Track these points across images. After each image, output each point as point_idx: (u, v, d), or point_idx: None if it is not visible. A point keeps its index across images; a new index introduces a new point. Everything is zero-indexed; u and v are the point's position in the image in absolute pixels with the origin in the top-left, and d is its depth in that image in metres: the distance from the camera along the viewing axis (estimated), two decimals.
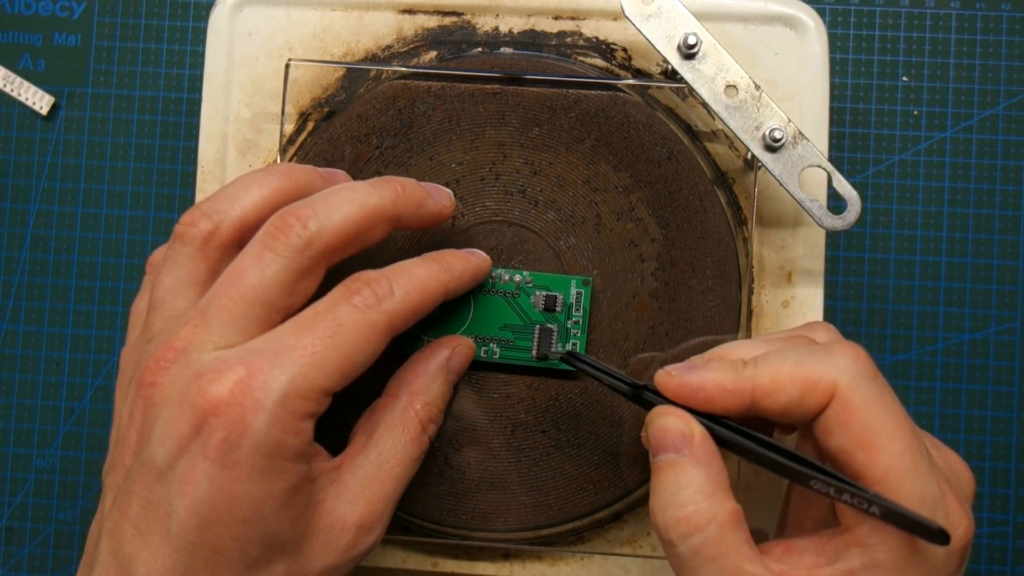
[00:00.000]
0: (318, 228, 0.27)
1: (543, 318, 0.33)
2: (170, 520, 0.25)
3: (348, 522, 0.28)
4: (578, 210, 0.34)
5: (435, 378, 0.31)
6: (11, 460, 0.42)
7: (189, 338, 0.27)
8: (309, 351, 0.26)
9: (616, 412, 0.34)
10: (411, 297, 0.28)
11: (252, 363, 0.25)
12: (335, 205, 0.28)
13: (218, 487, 0.25)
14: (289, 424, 0.25)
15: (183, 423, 0.25)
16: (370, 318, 0.27)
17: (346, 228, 0.28)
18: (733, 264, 0.34)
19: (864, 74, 0.42)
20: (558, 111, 0.35)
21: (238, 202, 0.29)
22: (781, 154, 0.33)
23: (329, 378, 0.26)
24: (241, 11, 0.37)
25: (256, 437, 0.25)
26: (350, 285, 0.28)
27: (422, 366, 0.32)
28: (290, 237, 0.27)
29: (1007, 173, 0.41)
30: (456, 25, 0.37)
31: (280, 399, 0.25)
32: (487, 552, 0.35)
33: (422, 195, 0.31)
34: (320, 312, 0.27)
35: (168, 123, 0.43)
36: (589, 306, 0.34)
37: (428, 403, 0.31)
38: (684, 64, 0.33)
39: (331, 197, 0.28)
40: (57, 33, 0.44)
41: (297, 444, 0.26)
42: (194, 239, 0.29)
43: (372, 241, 0.29)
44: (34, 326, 0.43)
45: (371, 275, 0.28)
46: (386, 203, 0.29)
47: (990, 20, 0.42)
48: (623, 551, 0.35)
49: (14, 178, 0.43)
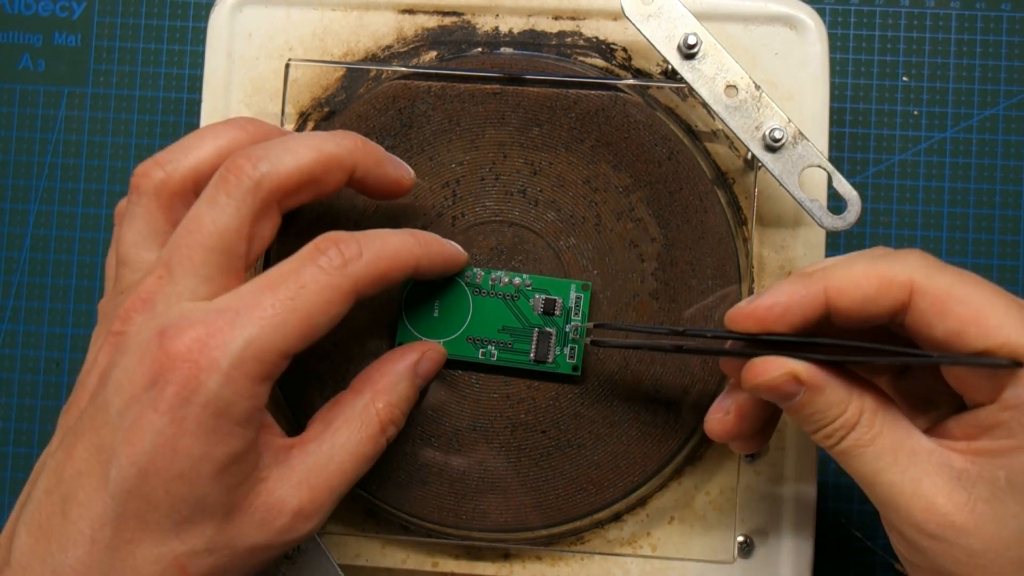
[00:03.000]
0: (269, 168, 0.28)
1: (542, 322, 0.33)
2: (110, 466, 0.25)
3: (287, 506, 0.28)
4: (578, 210, 0.34)
5: (402, 379, 0.31)
6: (11, 460, 0.42)
7: (154, 289, 0.27)
8: (269, 312, 0.26)
9: (616, 412, 0.34)
10: (379, 263, 0.28)
11: (212, 322, 0.26)
12: (289, 148, 0.28)
13: (162, 440, 0.25)
14: (242, 386, 0.26)
15: (140, 374, 0.25)
16: (334, 280, 0.27)
17: (298, 170, 0.28)
18: (733, 264, 0.34)
19: (864, 74, 0.42)
20: (558, 111, 0.35)
21: (192, 152, 0.30)
22: (781, 154, 0.33)
23: (288, 340, 0.26)
24: (241, 11, 0.37)
25: (207, 395, 0.25)
26: (319, 244, 0.28)
27: (390, 366, 0.31)
28: (241, 179, 0.27)
29: (1007, 173, 0.41)
30: (456, 25, 0.37)
31: (236, 360, 0.25)
32: (487, 552, 0.35)
33: (382, 155, 0.31)
34: (284, 273, 0.27)
35: (168, 123, 0.43)
36: (588, 311, 0.33)
37: (391, 404, 0.31)
38: (684, 64, 0.33)
39: (286, 142, 0.29)
40: (57, 33, 0.44)
41: (247, 408, 0.26)
42: (147, 190, 0.29)
43: (328, 189, 0.29)
44: (34, 326, 0.43)
45: (341, 236, 0.28)
46: (342, 151, 0.29)
47: (990, 20, 0.42)
48: (623, 551, 0.35)
49: (14, 178, 0.43)
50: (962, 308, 0.26)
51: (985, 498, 0.26)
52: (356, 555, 0.35)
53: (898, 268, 0.27)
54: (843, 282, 0.27)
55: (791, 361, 0.27)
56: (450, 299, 0.34)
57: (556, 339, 0.33)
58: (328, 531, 0.35)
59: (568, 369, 0.33)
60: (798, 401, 0.27)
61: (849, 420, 0.27)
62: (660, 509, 0.35)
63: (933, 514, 0.26)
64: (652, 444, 0.34)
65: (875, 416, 0.27)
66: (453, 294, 0.34)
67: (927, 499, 0.26)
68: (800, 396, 0.27)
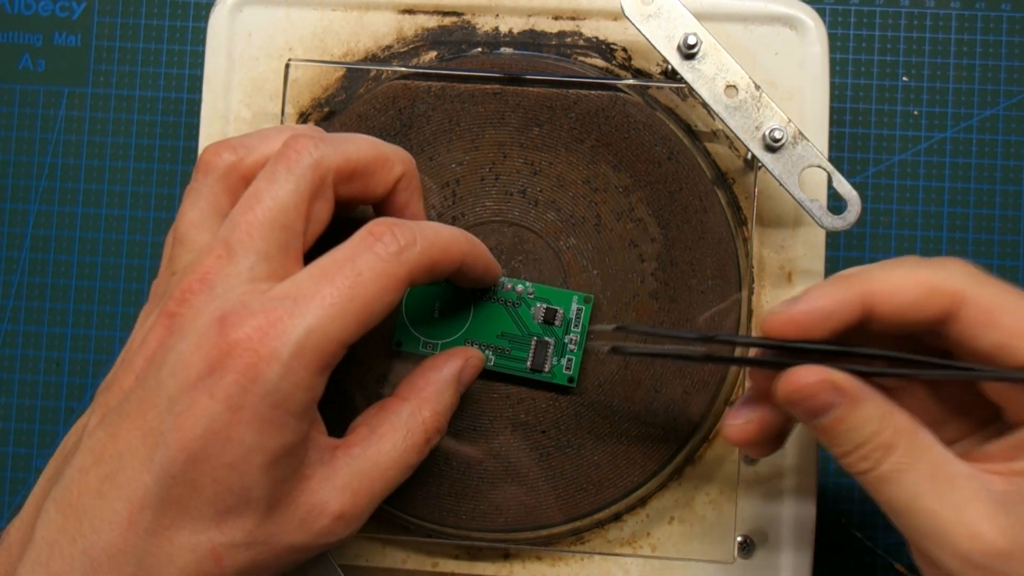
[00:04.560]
0: (329, 150, 0.28)
1: (541, 330, 0.33)
2: (156, 449, 0.25)
3: (329, 508, 0.27)
4: (578, 210, 0.34)
5: (447, 387, 0.31)
6: (11, 460, 0.42)
7: (214, 269, 0.27)
8: (328, 301, 0.26)
9: (616, 412, 0.34)
10: (433, 251, 0.28)
11: (272, 311, 0.25)
12: (347, 137, 0.29)
13: (216, 427, 0.25)
14: (301, 377, 0.25)
15: (198, 360, 0.25)
16: (390, 267, 0.27)
17: (355, 157, 0.29)
18: (733, 264, 0.34)
19: (864, 74, 0.42)
20: (558, 111, 0.35)
21: (266, 141, 0.30)
22: (781, 154, 0.33)
23: (348, 329, 0.26)
24: (241, 11, 0.37)
25: (266, 386, 0.25)
26: (373, 229, 0.27)
27: (435, 374, 0.31)
28: (301, 155, 0.28)
29: (1007, 173, 0.41)
30: (456, 25, 0.37)
31: (296, 350, 0.25)
32: (487, 552, 0.35)
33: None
34: (340, 260, 0.27)
35: (168, 123, 0.43)
36: (588, 324, 0.33)
37: (437, 412, 0.30)
38: (684, 64, 0.33)
39: (345, 135, 0.30)
40: (57, 33, 0.43)
41: (305, 400, 0.26)
42: (216, 168, 0.29)
43: (378, 188, 0.30)
44: (34, 326, 0.43)
45: (395, 222, 0.28)
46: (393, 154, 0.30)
47: (990, 20, 0.42)
48: (623, 551, 0.35)
49: (14, 178, 0.43)
50: (1011, 320, 0.25)
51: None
52: (356, 555, 0.35)
53: (945, 275, 0.26)
54: (887, 287, 0.26)
55: (829, 370, 0.26)
56: (451, 302, 0.34)
57: (554, 349, 0.33)
58: None
59: (564, 380, 0.33)
60: (835, 416, 0.26)
61: (886, 441, 0.26)
62: (660, 509, 0.35)
63: (979, 542, 0.24)
64: (652, 444, 0.34)
65: (913, 438, 0.26)
66: (454, 297, 0.34)
67: (971, 527, 0.24)
68: (837, 410, 0.26)
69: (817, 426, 0.27)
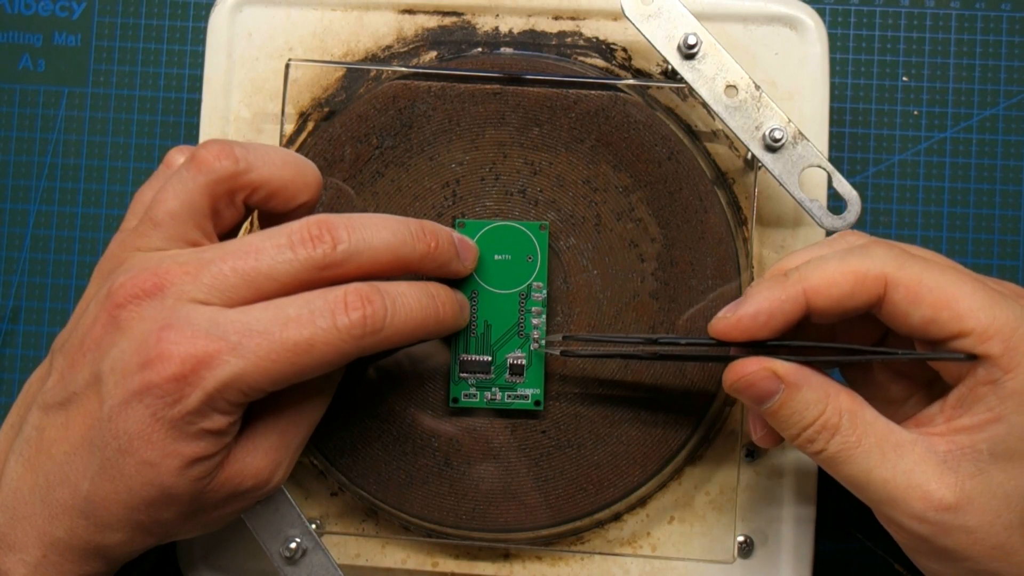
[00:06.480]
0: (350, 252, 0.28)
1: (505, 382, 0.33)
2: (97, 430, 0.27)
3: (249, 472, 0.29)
4: (578, 210, 0.34)
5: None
6: None
7: (175, 280, 0.27)
8: (270, 357, 0.26)
9: (616, 412, 0.34)
10: (393, 339, 0.28)
11: (213, 342, 0.26)
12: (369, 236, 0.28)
13: (140, 428, 0.26)
14: (221, 406, 0.27)
15: (134, 363, 0.26)
16: (346, 347, 0.27)
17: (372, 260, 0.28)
18: (733, 264, 0.34)
19: (864, 74, 0.42)
20: (558, 111, 0.35)
21: (269, 164, 0.30)
22: (781, 154, 0.33)
23: (276, 383, 0.27)
24: (241, 11, 0.37)
25: (186, 407, 0.26)
26: (348, 295, 0.27)
27: None
28: (317, 250, 0.28)
29: (1007, 173, 0.41)
30: (456, 25, 0.37)
31: (221, 387, 0.26)
32: (487, 552, 0.35)
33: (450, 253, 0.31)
34: (302, 317, 0.27)
35: (168, 123, 0.43)
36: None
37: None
38: (684, 64, 0.33)
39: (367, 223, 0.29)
40: (57, 33, 0.43)
41: (222, 423, 0.27)
42: (212, 171, 0.29)
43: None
44: (34, 326, 0.43)
45: (371, 294, 0.28)
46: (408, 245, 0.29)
47: (990, 20, 0.42)
48: (623, 551, 0.35)
49: (14, 178, 0.43)
50: (933, 295, 0.27)
51: (971, 474, 0.27)
52: (356, 555, 0.35)
53: (870, 263, 0.28)
54: (820, 282, 0.28)
55: (770, 359, 0.29)
56: None
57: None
58: (328, 531, 0.35)
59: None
60: (777, 401, 0.28)
61: (829, 421, 0.28)
62: (660, 509, 0.35)
63: (929, 501, 0.27)
64: (652, 444, 0.34)
65: (856, 417, 0.28)
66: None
67: (921, 488, 0.27)
68: (779, 396, 0.28)
69: (765, 412, 0.29)
